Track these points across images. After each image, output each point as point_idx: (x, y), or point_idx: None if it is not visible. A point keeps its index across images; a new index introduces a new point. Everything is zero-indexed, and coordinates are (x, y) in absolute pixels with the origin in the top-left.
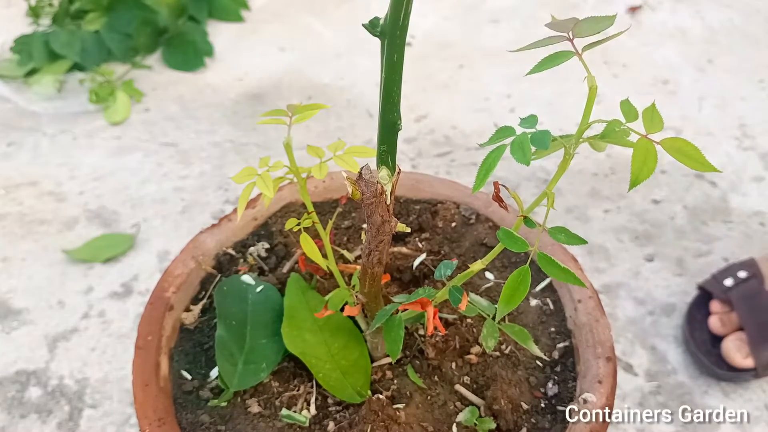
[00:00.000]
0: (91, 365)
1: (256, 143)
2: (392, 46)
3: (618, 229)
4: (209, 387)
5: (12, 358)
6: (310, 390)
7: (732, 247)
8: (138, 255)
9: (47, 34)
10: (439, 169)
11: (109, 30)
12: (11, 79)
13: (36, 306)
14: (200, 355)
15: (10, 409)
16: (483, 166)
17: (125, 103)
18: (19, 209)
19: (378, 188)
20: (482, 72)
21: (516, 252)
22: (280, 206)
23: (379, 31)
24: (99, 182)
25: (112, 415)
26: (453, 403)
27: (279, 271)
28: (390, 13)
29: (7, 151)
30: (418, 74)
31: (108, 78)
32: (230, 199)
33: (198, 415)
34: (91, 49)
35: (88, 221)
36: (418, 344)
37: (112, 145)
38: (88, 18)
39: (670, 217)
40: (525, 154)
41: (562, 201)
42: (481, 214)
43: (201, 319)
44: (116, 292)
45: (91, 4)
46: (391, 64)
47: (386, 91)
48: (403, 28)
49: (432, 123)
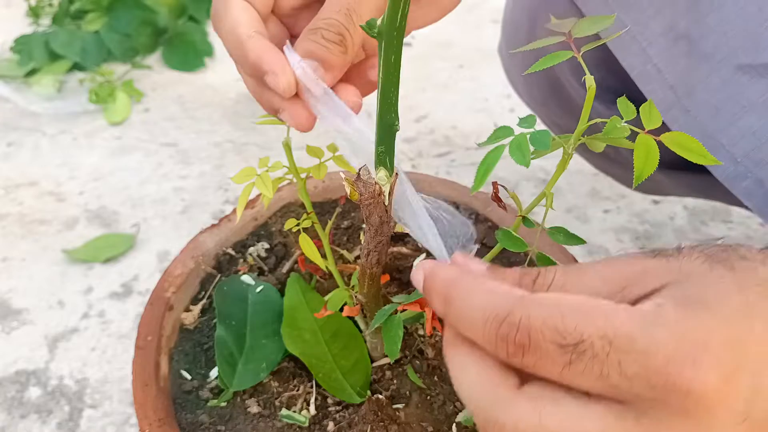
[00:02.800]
0: (91, 365)
1: (256, 143)
2: (389, 47)
3: (618, 229)
4: (209, 387)
5: (12, 358)
6: (309, 390)
7: None
8: (138, 255)
9: (47, 34)
10: (439, 169)
11: (109, 30)
12: (11, 79)
13: (36, 306)
14: (200, 355)
15: (10, 409)
16: (482, 167)
17: (125, 103)
18: (19, 209)
19: (376, 189)
20: (482, 72)
21: (515, 252)
22: (279, 206)
23: (377, 32)
24: (99, 182)
25: (112, 415)
26: (453, 403)
27: (279, 272)
28: (387, 14)
29: (7, 151)
30: (418, 74)
31: (108, 78)
32: (230, 199)
33: (197, 415)
34: (91, 49)
35: (88, 221)
36: (417, 344)
37: (112, 145)
38: (88, 18)
39: (670, 217)
40: (524, 154)
41: (561, 201)
42: (481, 215)
43: (201, 319)
44: (116, 292)
45: (91, 4)
46: (388, 65)
47: (383, 92)
48: (400, 29)
49: (432, 123)
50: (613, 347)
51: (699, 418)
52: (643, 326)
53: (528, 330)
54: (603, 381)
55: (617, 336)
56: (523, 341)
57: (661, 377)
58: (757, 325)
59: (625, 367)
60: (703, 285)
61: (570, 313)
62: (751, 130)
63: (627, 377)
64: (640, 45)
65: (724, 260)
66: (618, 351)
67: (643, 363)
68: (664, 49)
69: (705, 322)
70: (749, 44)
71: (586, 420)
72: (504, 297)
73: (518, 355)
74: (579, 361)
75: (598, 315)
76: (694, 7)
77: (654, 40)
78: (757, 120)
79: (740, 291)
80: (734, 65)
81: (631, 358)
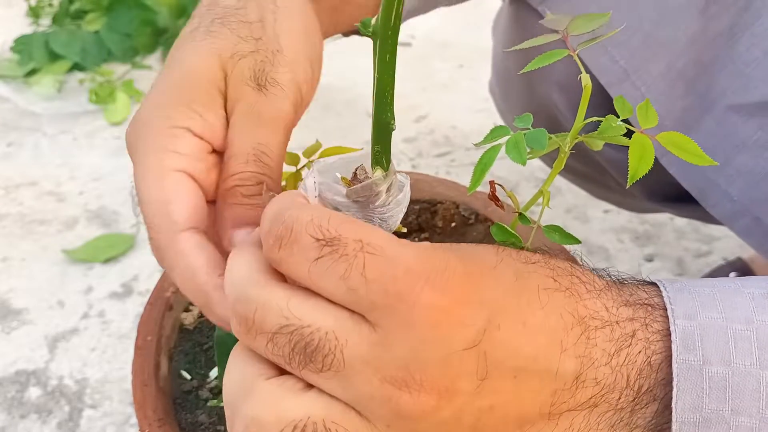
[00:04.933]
0: (91, 365)
1: None
2: (384, 46)
3: (618, 229)
4: (209, 387)
5: (12, 358)
6: None
7: (732, 247)
8: (138, 255)
9: (47, 34)
10: (439, 169)
11: (109, 30)
12: (11, 79)
13: (36, 306)
14: (200, 355)
15: (10, 409)
16: (478, 166)
17: (125, 103)
18: (19, 209)
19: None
20: (482, 72)
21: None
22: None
23: (371, 31)
24: (99, 182)
25: (112, 415)
26: None
27: None
28: (381, 13)
29: (7, 151)
30: (418, 74)
31: (108, 78)
32: None
33: (197, 415)
34: (91, 49)
35: (88, 221)
36: None
37: (112, 145)
38: (88, 18)
39: (670, 217)
40: (520, 153)
41: (561, 201)
42: (481, 214)
43: (200, 319)
44: (116, 292)
45: (91, 4)
46: (383, 64)
47: (379, 91)
48: (395, 28)
49: (432, 123)
50: (363, 250)
51: (423, 330)
52: (398, 244)
53: (292, 224)
54: (344, 282)
55: (370, 243)
56: (284, 233)
57: (395, 285)
58: (504, 275)
59: (368, 271)
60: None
61: (337, 218)
62: (746, 169)
63: (366, 280)
64: (639, 89)
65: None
66: (366, 254)
67: (384, 269)
68: (663, 92)
69: (451, 257)
70: (738, 84)
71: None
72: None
73: (276, 246)
74: (328, 257)
75: (361, 226)
76: (691, 46)
77: (653, 83)
78: (751, 159)
79: (496, 253)
80: (725, 105)
81: (375, 262)
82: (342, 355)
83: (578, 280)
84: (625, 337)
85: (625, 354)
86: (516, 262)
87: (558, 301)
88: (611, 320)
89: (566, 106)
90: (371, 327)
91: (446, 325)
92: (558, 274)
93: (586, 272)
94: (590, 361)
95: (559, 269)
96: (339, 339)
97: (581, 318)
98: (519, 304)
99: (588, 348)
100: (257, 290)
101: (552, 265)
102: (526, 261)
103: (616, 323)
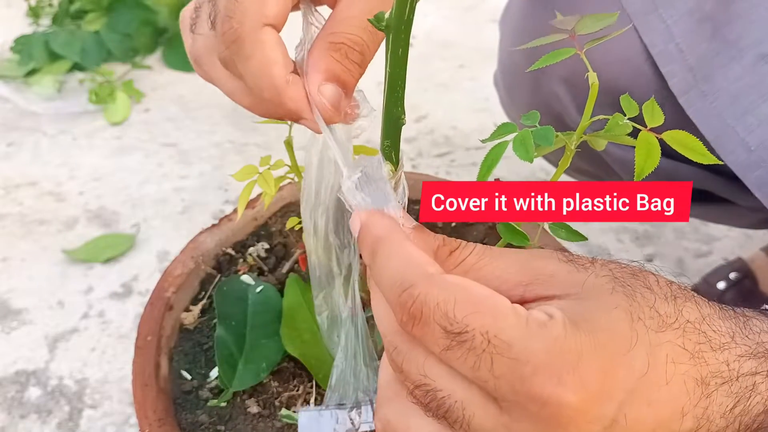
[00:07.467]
0: (90, 365)
1: (257, 143)
2: (397, 40)
3: (618, 229)
4: (209, 387)
5: (12, 358)
6: (309, 390)
7: (732, 247)
8: (138, 255)
9: (47, 34)
10: (439, 169)
11: (109, 30)
12: (11, 79)
13: (36, 306)
14: (200, 356)
15: (10, 409)
16: (485, 164)
17: (125, 104)
18: (19, 209)
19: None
20: (482, 72)
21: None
22: (279, 206)
23: (384, 25)
24: (99, 182)
25: (112, 415)
26: None
27: (279, 272)
28: (395, 7)
29: (7, 151)
30: (418, 74)
31: (108, 78)
32: (230, 199)
33: (197, 415)
34: (91, 49)
35: (88, 221)
36: None
37: (112, 145)
38: (88, 18)
39: None
40: (528, 150)
41: None
42: None
43: (201, 319)
44: (116, 292)
45: (91, 4)
46: (396, 59)
47: (391, 86)
48: (408, 22)
49: (432, 123)
50: (491, 346)
51: (552, 427)
52: (524, 335)
53: (422, 306)
54: (474, 372)
55: (497, 337)
56: (416, 314)
57: (524, 385)
58: (637, 359)
59: (496, 367)
60: (597, 308)
61: (463, 303)
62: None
63: (495, 376)
64: (665, 22)
65: (629, 286)
66: (493, 351)
67: (512, 368)
68: (688, 29)
69: (584, 345)
70: None
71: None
72: (414, 268)
73: (409, 325)
74: (458, 348)
75: (487, 312)
76: None
77: (679, 18)
78: None
79: (631, 322)
80: (757, 54)
81: (502, 360)
82: (469, 427)
83: (704, 338)
84: (744, 390)
85: (743, 406)
86: (649, 333)
87: (683, 369)
88: (731, 377)
89: (571, 102)
90: (499, 408)
91: (576, 424)
92: (687, 334)
93: (714, 321)
94: (707, 420)
95: (689, 327)
96: (466, 411)
97: (703, 379)
98: (647, 384)
99: (707, 409)
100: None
101: (682, 323)
102: (659, 328)
103: (737, 379)
